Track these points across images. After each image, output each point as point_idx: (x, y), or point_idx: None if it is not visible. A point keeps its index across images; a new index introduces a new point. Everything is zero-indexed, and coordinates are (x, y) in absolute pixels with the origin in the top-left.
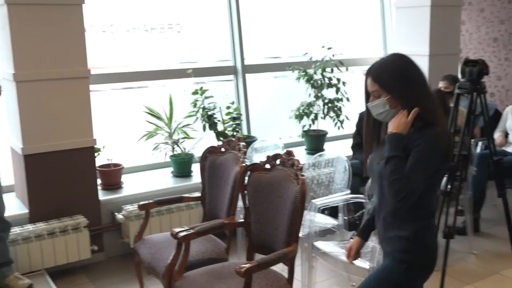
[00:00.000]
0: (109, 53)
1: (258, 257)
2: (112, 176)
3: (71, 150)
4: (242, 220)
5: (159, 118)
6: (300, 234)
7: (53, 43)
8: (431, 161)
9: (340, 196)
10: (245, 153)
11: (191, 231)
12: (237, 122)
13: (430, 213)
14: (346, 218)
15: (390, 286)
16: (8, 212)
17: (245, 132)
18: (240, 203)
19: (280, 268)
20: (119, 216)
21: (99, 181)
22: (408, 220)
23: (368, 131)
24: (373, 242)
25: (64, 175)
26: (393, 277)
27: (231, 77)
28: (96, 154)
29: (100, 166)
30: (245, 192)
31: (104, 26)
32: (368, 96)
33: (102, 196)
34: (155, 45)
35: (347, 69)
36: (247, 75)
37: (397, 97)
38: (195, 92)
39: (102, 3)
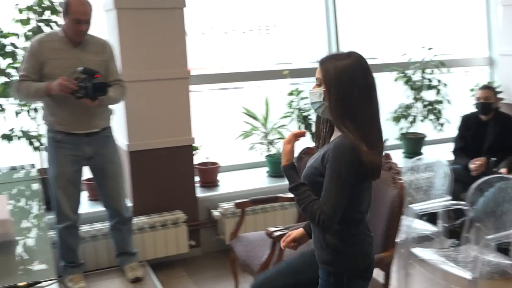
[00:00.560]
0: (208, 55)
1: None
2: (209, 174)
3: (171, 148)
4: None
5: (255, 118)
6: (397, 240)
7: (156, 45)
8: (342, 173)
9: (440, 202)
10: None
11: (286, 231)
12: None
13: (355, 222)
14: (446, 225)
15: None
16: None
17: None
18: None
19: (376, 273)
20: (216, 213)
21: (197, 179)
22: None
23: (318, 125)
24: (475, 252)
25: (164, 172)
26: None
27: None
28: (194, 152)
29: (198, 164)
30: None
31: (204, 28)
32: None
33: (199, 193)
34: (252, 47)
35: (448, 70)
36: None
37: (329, 93)
38: (291, 93)
39: (203, 6)
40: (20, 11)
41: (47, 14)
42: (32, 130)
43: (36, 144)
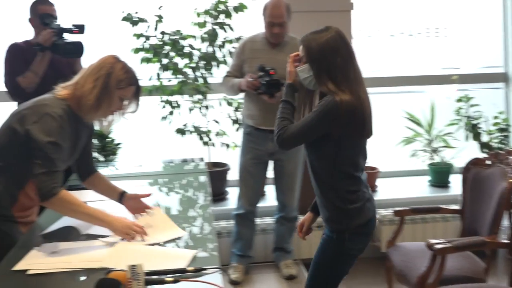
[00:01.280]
0: (374, 58)
1: None
2: (368, 179)
3: None
4: (507, 241)
5: (418, 124)
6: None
7: None
8: (315, 123)
9: None
10: None
11: (448, 244)
12: (504, 133)
13: (353, 179)
14: None
15: (327, 259)
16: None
17: None
18: (505, 222)
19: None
20: None
21: None
22: (325, 187)
23: (300, 98)
24: None
25: None
26: (327, 247)
27: (500, 85)
28: None
29: None
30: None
31: (370, 32)
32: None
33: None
34: (418, 50)
35: None
36: None
37: (315, 67)
38: (459, 100)
39: (371, 8)
40: (198, 15)
41: (221, 18)
42: (203, 126)
43: (206, 139)
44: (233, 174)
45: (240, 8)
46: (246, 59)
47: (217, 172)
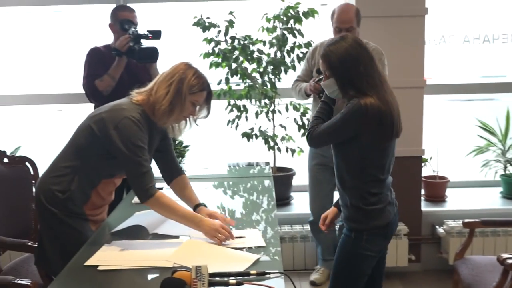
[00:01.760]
0: (444, 64)
1: None
2: (437, 188)
3: (400, 158)
4: None
5: (492, 133)
6: None
7: (394, 53)
8: (340, 125)
9: None
10: None
11: None
12: None
13: (377, 181)
14: None
15: (343, 256)
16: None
17: None
18: None
19: None
20: (440, 230)
21: (422, 192)
22: (348, 187)
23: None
24: None
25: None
26: (345, 246)
27: None
28: (422, 164)
29: (425, 177)
30: None
31: (443, 37)
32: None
33: (424, 207)
34: (493, 56)
35: None
36: None
37: (339, 79)
38: None
39: (445, 13)
40: (268, 20)
41: (291, 23)
42: (269, 130)
43: (271, 143)
44: (298, 179)
45: (310, 13)
46: (315, 64)
47: (282, 177)
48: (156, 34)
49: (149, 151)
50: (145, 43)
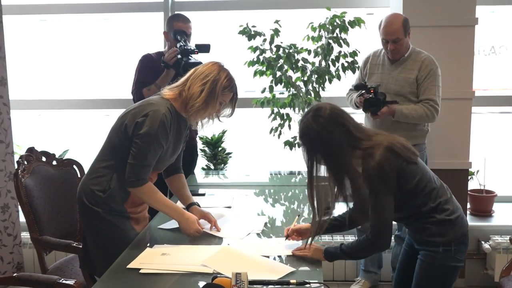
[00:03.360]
0: (494, 75)
1: None
2: (483, 202)
3: (446, 170)
4: None
5: None
6: None
7: (443, 63)
8: (379, 194)
9: None
10: None
11: None
12: None
13: (439, 206)
14: None
15: (432, 276)
16: None
17: None
18: None
19: None
20: (486, 245)
21: (468, 206)
22: (419, 216)
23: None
24: None
25: None
26: (433, 265)
27: None
28: (469, 177)
29: (471, 191)
30: None
31: (493, 48)
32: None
33: (469, 221)
34: None
35: None
36: None
37: (325, 158)
38: None
39: (496, 23)
40: (314, 29)
41: (336, 32)
42: None
43: None
44: None
45: (356, 22)
46: (367, 74)
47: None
48: (204, 48)
49: (177, 144)
50: (196, 55)
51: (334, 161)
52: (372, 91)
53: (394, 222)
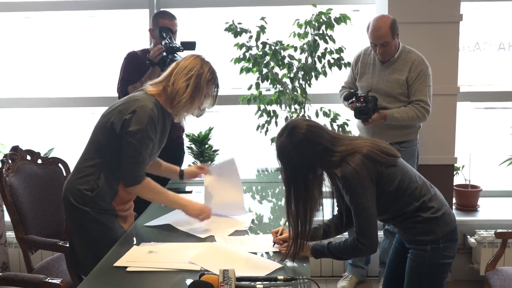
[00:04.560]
0: (478, 71)
1: None
2: (469, 197)
3: (432, 166)
4: None
5: None
6: None
7: (428, 59)
8: (362, 196)
9: None
10: None
11: None
12: None
13: (423, 204)
14: None
15: (422, 274)
16: None
17: None
18: None
19: None
20: (471, 240)
21: (454, 201)
22: (403, 217)
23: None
24: None
25: None
26: (422, 264)
27: None
28: (454, 173)
29: (457, 186)
30: None
31: (477, 44)
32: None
33: (455, 216)
34: None
35: None
36: None
37: (305, 172)
38: None
39: (480, 20)
40: (300, 26)
41: (322, 29)
42: None
43: None
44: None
45: (342, 19)
46: (357, 73)
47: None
48: (190, 46)
49: (163, 137)
50: (182, 53)
51: (308, 180)
52: (362, 100)
53: None
